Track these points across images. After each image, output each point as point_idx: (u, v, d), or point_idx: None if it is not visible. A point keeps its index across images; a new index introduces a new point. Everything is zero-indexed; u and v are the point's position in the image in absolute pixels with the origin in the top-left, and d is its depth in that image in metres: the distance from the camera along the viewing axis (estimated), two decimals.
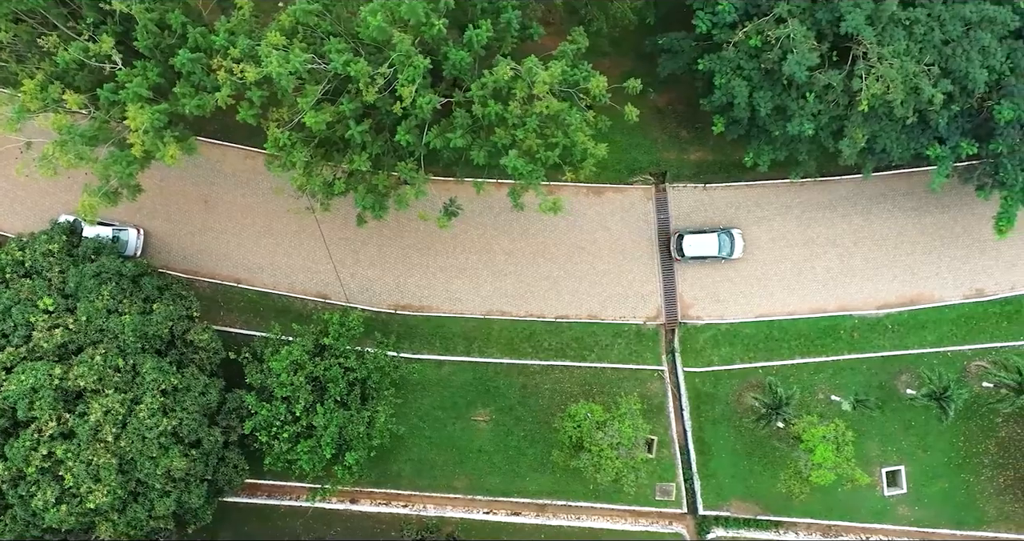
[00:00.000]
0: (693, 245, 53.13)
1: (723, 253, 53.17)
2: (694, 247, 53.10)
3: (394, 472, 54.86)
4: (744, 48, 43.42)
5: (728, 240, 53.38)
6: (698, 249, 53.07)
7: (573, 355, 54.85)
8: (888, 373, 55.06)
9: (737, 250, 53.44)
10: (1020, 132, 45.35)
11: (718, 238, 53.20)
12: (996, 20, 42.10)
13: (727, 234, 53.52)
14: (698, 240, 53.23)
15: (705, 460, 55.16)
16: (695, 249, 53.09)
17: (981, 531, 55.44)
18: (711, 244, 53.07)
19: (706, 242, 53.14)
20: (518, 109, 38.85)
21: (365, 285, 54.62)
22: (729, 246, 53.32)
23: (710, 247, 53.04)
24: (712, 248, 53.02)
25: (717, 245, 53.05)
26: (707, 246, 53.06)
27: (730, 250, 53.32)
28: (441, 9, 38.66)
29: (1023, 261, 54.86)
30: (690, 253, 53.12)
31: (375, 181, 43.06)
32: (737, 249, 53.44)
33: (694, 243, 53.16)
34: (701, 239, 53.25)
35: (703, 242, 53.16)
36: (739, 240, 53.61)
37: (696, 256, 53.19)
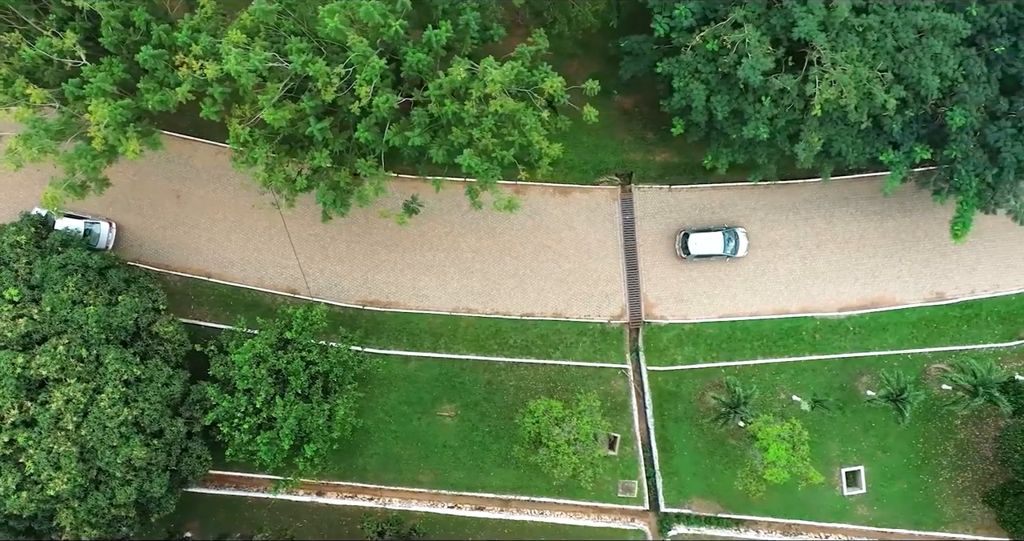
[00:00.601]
0: (698, 243, 53.73)
1: (727, 251, 53.80)
2: (699, 245, 53.70)
3: (360, 466, 55.63)
4: (702, 52, 44.14)
5: (733, 238, 53.97)
6: (703, 247, 53.68)
7: (538, 352, 55.61)
8: (849, 374, 55.75)
9: (741, 248, 54.01)
10: (974, 138, 46.10)
11: (723, 236, 53.76)
12: (948, 28, 42.77)
13: (732, 232, 54.11)
14: (703, 238, 53.81)
15: (667, 458, 55.87)
16: (700, 247, 53.70)
17: (939, 532, 56.08)
18: (716, 242, 53.65)
19: (711, 240, 53.73)
20: (474, 109, 39.57)
21: (334, 281, 55.40)
22: (734, 244, 53.93)
23: (715, 245, 53.64)
24: (717, 246, 53.63)
25: (722, 243, 53.64)
26: (712, 244, 53.66)
27: (735, 248, 53.94)
28: (399, 11, 39.43)
29: (983, 265, 55.54)
30: (695, 251, 53.74)
31: (337, 178, 43.83)
32: (741, 247, 54.01)
33: (699, 241, 53.75)
34: (706, 237, 53.83)
35: (708, 240, 53.75)
36: (743, 239, 54.17)
37: (701, 254, 53.77)
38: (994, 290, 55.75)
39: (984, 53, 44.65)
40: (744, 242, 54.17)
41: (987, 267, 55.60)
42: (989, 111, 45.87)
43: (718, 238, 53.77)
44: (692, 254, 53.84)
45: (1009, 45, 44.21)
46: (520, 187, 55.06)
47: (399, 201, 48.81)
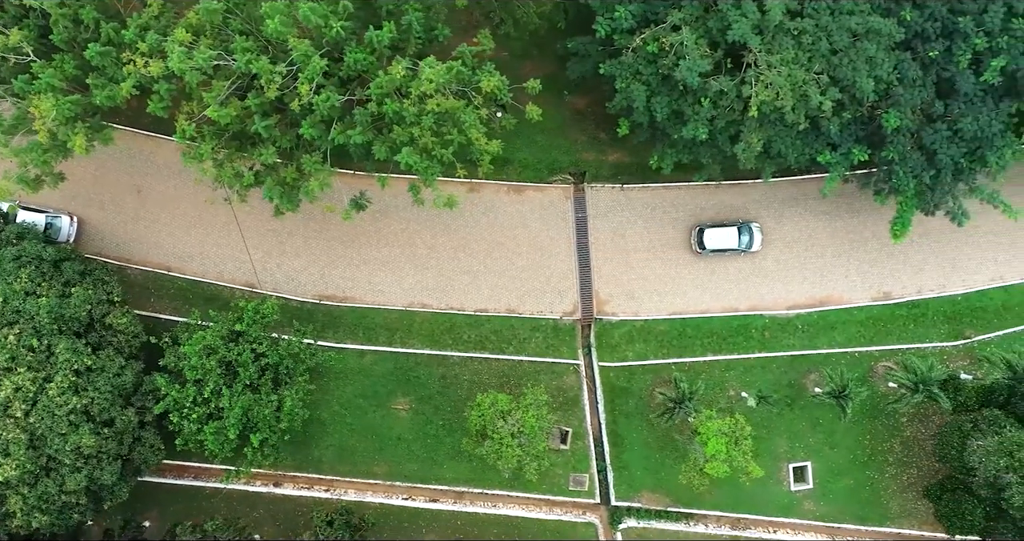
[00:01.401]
0: (713, 239, 54.55)
1: (742, 246, 54.63)
2: (714, 240, 54.52)
3: (316, 457, 56.68)
4: (642, 54, 45.10)
5: (747, 233, 54.80)
6: (718, 242, 54.52)
7: (492, 347, 56.59)
8: (797, 372, 56.70)
9: (756, 243, 54.77)
10: (911, 140, 47.05)
11: (738, 231, 54.59)
12: (881, 32, 43.68)
13: (746, 228, 54.92)
14: (718, 234, 54.65)
15: (618, 452, 56.85)
16: (715, 242, 54.52)
17: (885, 527, 57.02)
18: (731, 237, 54.48)
19: (726, 235, 54.55)
20: (413, 107, 40.57)
21: (291, 275, 56.45)
22: (748, 239, 54.73)
23: (730, 240, 54.45)
24: (732, 241, 54.45)
25: (737, 238, 54.47)
26: (727, 239, 54.47)
27: (749, 242, 54.75)
28: (340, 12, 40.46)
29: (929, 265, 56.49)
30: (711, 246, 54.56)
31: (284, 174, 44.85)
32: (756, 242, 54.76)
33: (714, 237, 54.58)
34: (721, 233, 54.65)
35: (723, 236, 54.58)
36: (757, 234, 54.93)
37: (716, 249, 54.61)
38: (940, 290, 56.69)
39: (919, 57, 45.55)
40: (758, 237, 54.94)
41: (933, 267, 56.55)
42: (925, 114, 46.76)
43: (732, 233, 54.62)
44: (708, 249, 54.68)
45: (943, 49, 45.06)
46: (475, 185, 56.13)
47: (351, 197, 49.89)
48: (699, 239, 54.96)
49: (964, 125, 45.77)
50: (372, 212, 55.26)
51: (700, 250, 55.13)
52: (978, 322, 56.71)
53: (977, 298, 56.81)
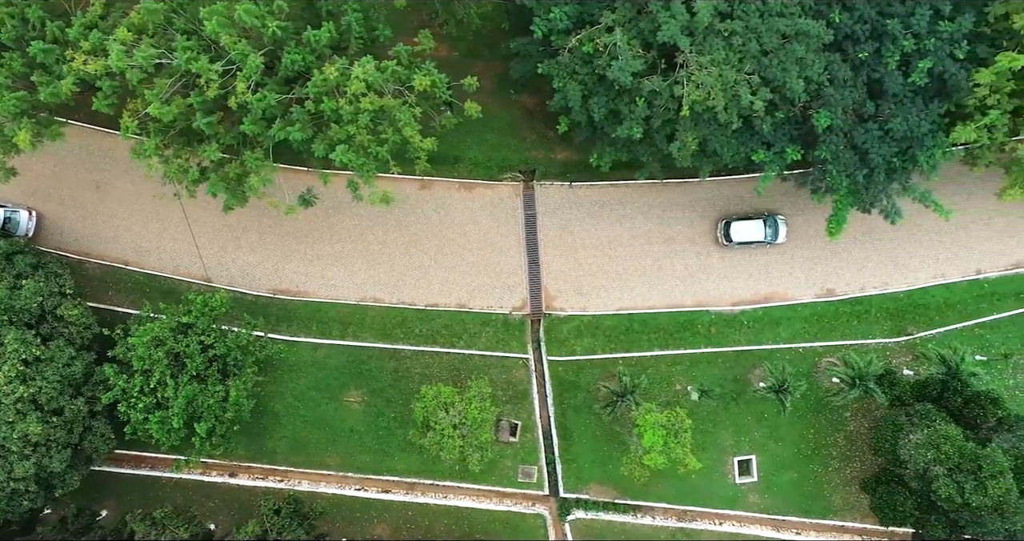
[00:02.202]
0: (740, 231, 55.44)
1: (768, 238, 55.50)
2: (741, 233, 55.42)
3: (270, 448, 57.83)
4: (578, 54, 46.18)
5: (773, 225, 55.70)
6: (745, 235, 55.42)
7: (443, 341, 57.70)
8: (743, 367, 57.73)
9: (781, 235, 55.64)
10: (844, 140, 48.07)
11: (764, 224, 55.49)
12: (810, 34, 44.73)
13: (772, 220, 55.77)
14: (744, 226, 55.54)
15: (567, 445, 57.94)
16: (742, 235, 55.41)
17: (828, 520, 58.05)
18: (757, 230, 55.40)
19: (752, 228, 55.46)
20: (349, 105, 41.68)
21: (246, 270, 57.59)
22: (773, 231, 55.65)
23: (756, 233, 55.37)
24: (758, 233, 55.37)
25: (763, 230, 55.39)
26: (753, 232, 55.39)
27: (774, 234, 55.64)
28: (276, 12, 41.59)
29: (872, 263, 57.50)
30: (737, 239, 55.42)
31: (228, 170, 45.99)
32: (781, 234, 55.63)
33: (741, 229, 55.46)
34: (747, 225, 55.54)
35: (749, 228, 55.49)
36: (783, 226, 55.80)
37: (743, 241, 55.46)
38: (883, 287, 57.70)
39: (850, 58, 46.60)
40: (783, 229, 55.81)
41: (876, 265, 57.56)
42: (857, 114, 47.79)
43: (759, 226, 55.54)
44: (734, 241, 55.54)
45: (872, 51, 46.10)
46: (426, 183, 57.27)
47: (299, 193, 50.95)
48: (726, 232, 55.79)
49: (894, 125, 46.82)
50: (325, 208, 56.55)
51: (727, 242, 55.96)
52: (920, 319, 57.71)
53: (919, 295, 57.81)
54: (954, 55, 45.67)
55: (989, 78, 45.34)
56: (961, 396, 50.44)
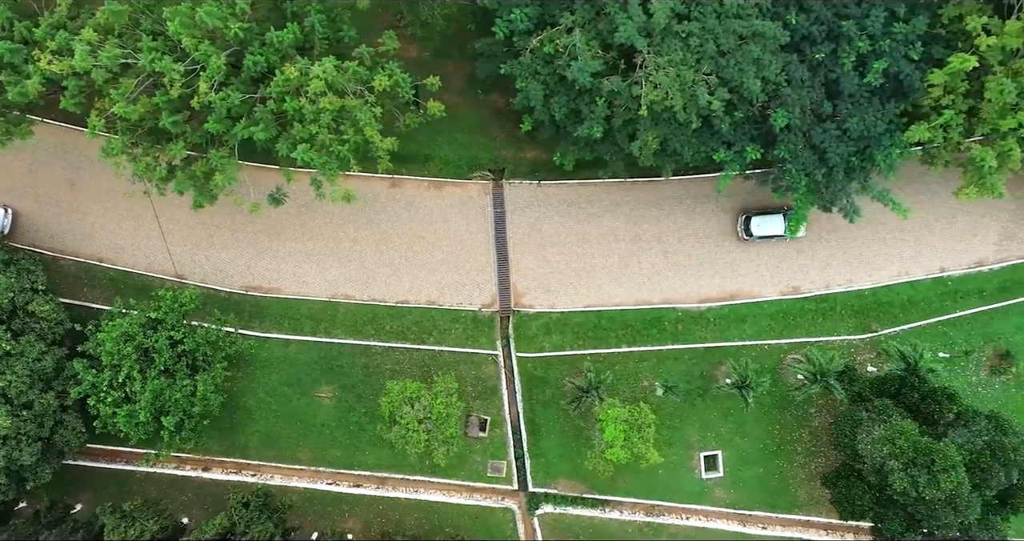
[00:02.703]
0: (760, 225, 56.12)
1: (787, 232, 56.12)
2: (761, 227, 56.08)
3: (242, 443, 58.68)
4: (540, 55, 46.90)
5: None
6: (765, 229, 56.10)
7: (413, 338, 58.48)
8: (709, 363, 58.50)
9: (801, 229, 56.20)
10: (802, 139, 48.79)
11: (784, 218, 56.11)
12: (767, 35, 45.41)
13: (791, 214, 55.98)
14: (765, 221, 56.23)
15: (535, 440, 58.74)
16: (762, 229, 56.10)
17: (793, 514, 58.85)
18: (777, 224, 56.08)
19: (772, 222, 56.15)
20: (309, 105, 42.47)
21: (219, 267, 58.38)
22: None
23: (776, 227, 56.07)
24: (778, 228, 56.04)
25: (783, 224, 56.02)
26: (773, 226, 56.08)
27: None
28: (238, 14, 42.38)
29: (837, 261, 58.24)
30: (758, 233, 56.12)
31: (194, 168, 46.79)
32: (800, 228, 56.18)
33: (761, 223, 56.14)
34: (767, 220, 56.22)
35: (769, 222, 56.17)
36: None
37: (763, 235, 56.16)
38: (847, 285, 58.43)
39: (807, 59, 47.33)
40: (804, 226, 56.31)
41: (841, 263, 58.30)
42: (815, 113, 48.48)
43: (779, 220, 56.19)
44: (755, 236, 56.22)
45: (829, 52, 46.80)
46: (396, 181, 58.07)
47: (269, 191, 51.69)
48: (746, 226, 56.45)
49: (851, 125, 47.52)
50: (297, 206, 57.34)
51: (747, 237, 56.62)
52: (885, 316, 58.46)
53: (884, 293, 58.55)
54: (908, 56, 46.37)
55: (942, 79, 46.07)
56: (918, 392, 51.23)
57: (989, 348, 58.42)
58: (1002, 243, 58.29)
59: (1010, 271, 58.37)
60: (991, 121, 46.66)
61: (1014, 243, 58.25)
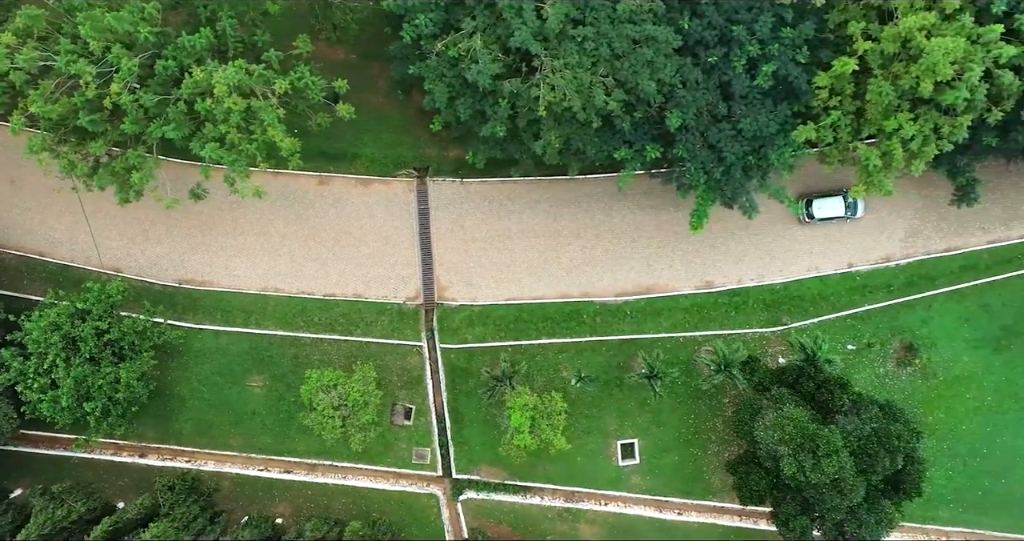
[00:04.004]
0: (822, 208, 58.11)
1: (848, 213, 58.25)
2: (823, 209, 58.09)
3: (176, 430, 60.97)
4: (445, 58, 49.14)
5: (853, 201, 58.30)
6: (826, 211, 58.13)
7: (340, 330, 60.74)
8: (626, 355, 60.67)
9: (860, 210, 58.35)
10: (700, 138, 50.92)
11: (844, 200, 58.10)
12: (659, 39, 47.57)
13: None
14: (826, 203, 58.18)
15: (458, 428, 60.98)
16: (824, 211, 58.10)
17: (707, 500, 61.03)
18: (838, 206, 58.08)
19: (833, 204, 58.11)
20: (215, 106, 44.72)
21: (154, 260, 60.66)
22: (853, 206, 58.37)
23: (837, 209, 58.08)
24: (839, 209, 58.08)
25: (843, 206, 58.08)
26: (834, 208, 58.08)
27: (854, 210, 58.40)
28: (148, 18, 44.65)
29: (749, 256, 60.37)
30: (819, 215, 58.06)
31: (114, 165, 49.08)
32: (860, 209, 58.35)
33: (823, 206, 58.12)
34: (828, 202, 58.17)
35: (830, 205, 58.14)
36: (860, 201, 58.25)
37: (825, 217, 58.13)
38: (759, 279, 60.58)
39: (701, 62, 49.48)
40: (861, 204, 58.33)
41: (753, 258, 60.43)
42: (712, 114, 50.64)
43: (839, 202, 58.09)
44: (816, 218, 58.13)
45: (722, 56, 48.97)
46: (324, 178, 60.32)
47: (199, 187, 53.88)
48: (807, 209, 58.29)
49: (745, 125, 49.64)
50: (229, 203, 59.55)
51: (808, 220, 58.57)
52: (795, 310, 60.60)
53: (795, 287, 60.68)
54: (796, 59, 48.49)
55: (828, 81, 48.15)
56: (814, 381, 53.39)
57: (896, 341, 60.58)
58: (908, 240, 60.40)
59: (916, 266, 60.49)
60: (876, 122, 48.71)
61: (920, 240, 60.36)
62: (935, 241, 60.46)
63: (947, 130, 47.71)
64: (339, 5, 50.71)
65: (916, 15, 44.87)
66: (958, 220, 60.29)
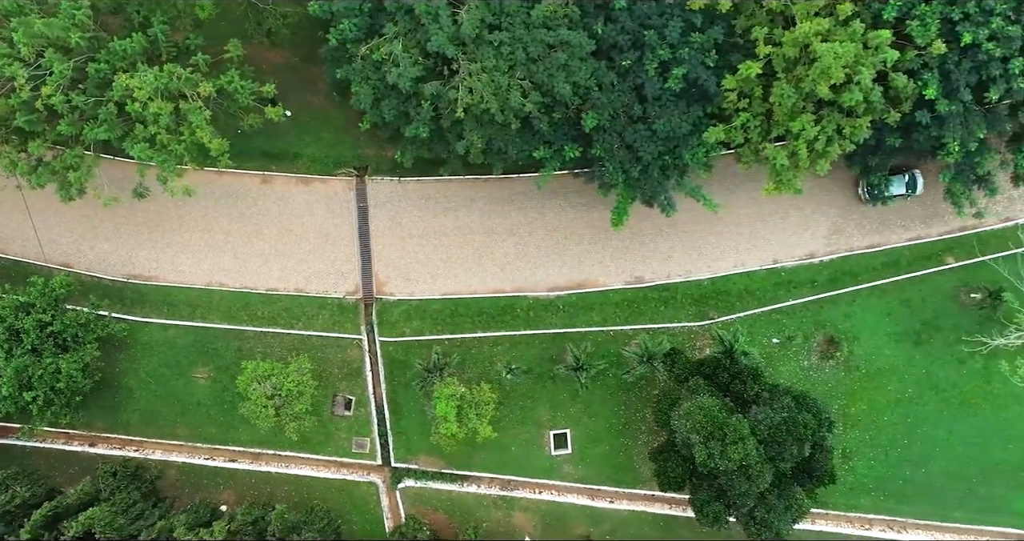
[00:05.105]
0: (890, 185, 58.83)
1: (909, 191, 59.62)
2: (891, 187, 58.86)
3: (124, 420, 63.14)
4: (370, 61, 51.30)
5: (913, 179, 59.78)
6: (890, 189, 59.08)
7: (283, 323, 62.85)
8: (559, 348, 62.71)
9: (919, 187, 59.63)
10: (618, 139, 53.02)
11: (905, 178, 59.50)
12: (572, 43, 49.70)
13: (911, 175, 59.65)
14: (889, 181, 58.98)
15: (397, 419, 63.12)
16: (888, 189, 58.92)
17: (638, 489, 63.10)
18: (899, 184, 59.33)
19: (895, 183, 59.26)
20: (141, 108, 46.93)
21: (103, 256, 62.86)
22: (913, 185, 59.81)
23: (899, 187, 59.35)
24: (900, 188, 59.32)
25: (904, 185, 59.48)
26: (896, 186, 59.32)
27: (915, 188, 59.83)
28: (79, 25, 46.87)
29: (677, 253, 62.44)
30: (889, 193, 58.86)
31: (54, 164, 51.32)
32: (919, 186, 59.63)
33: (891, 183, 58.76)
34: (891, 181, 59.05)
35: (893, 183, 59.20)
36: (919, 179, 59.72)
37: (888, 196, 59.11)
38: (687, 275, 62.61)
39: (615, 66, 51.57)
40: (920, 181, 59.58)
41: (681, 255, 62.49)
42: (628, 115, 52.75)
43: (901, 180, 59.44)
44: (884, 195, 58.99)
45: (635, 59, 51.05)
46: (267, 177, 62.50)
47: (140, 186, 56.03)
48: (873, 187, 59.20)
49: (659, 126, 51.72)
50: (174, 200, 61.26)
51: (868, 198, 59.85)
52: (722, 305, 62.66)
53: (722, 283, 62.72)
54: (705, 63, 50.53)
55: (735, 84, 50.23)
56: (729, 372, 55.42)
57: (819, 335, 62.62)
58: (831, 237, 62.46)
59: (839, 263, 62.55)
60: (783, 123, 50.80)
61: (842, 237, 62.42)
62: (857, 238, 62.50)
63: (848, 131, 49.82)
64: (271, 11, 52.82)
65: (812, 21, 46.96)
66: (880, 218, 62.37)
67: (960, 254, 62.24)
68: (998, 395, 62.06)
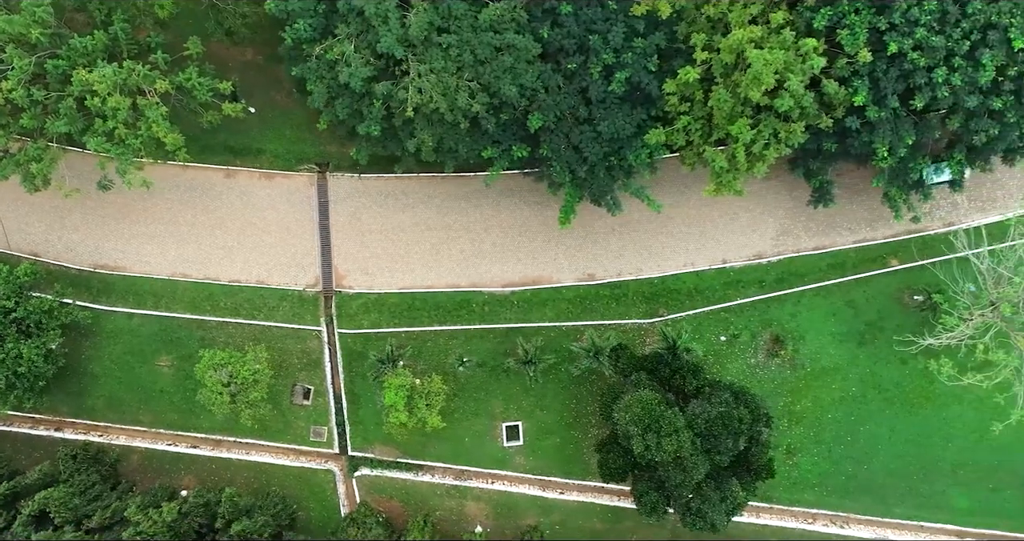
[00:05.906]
0: (930, 173, 58.40)
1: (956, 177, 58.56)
2: (931, 175, 58.61)
3: (89, 406, 65.04)
4: (324, 60, 53.04)
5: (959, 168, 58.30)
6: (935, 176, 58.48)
7: (245, 314, 64.67)
8: (512, 342, 64.26)
9: (966, 175, 58.57)
10: (565, 139, 54.72)
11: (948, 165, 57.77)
12: (518, 46, 51.40)
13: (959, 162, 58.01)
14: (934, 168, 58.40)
15: (354, 409, 64.91)
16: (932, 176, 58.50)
17: (588, 481, 64.82)
18: (944, 171, 57.92)
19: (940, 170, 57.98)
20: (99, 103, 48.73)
21: (70, 246, 64.72)
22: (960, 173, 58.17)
23: (944, 174, 58.41)
24: (946, 175, 58.42)
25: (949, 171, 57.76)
26: (941, 173, 58.27)
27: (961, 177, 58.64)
28: (40, 21, 48.68)
29: (628, 251, 64.11)
30: (930, 181, 58.59)
31: (18, 156, 53.15)
32: (966, 175, 58.48)
33: (930, 172, 58.31)
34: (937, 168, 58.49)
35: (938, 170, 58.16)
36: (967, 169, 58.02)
37: (935, 183, 58.68)
38: (638, 273, 64.26)
39: (561, 69, 53.27)
40: (968, 170, 58.38)
41: (632, 253, 64.16)
42: (575, 117, 54.45)
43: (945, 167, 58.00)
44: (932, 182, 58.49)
45: (580, 63, 52.74)
46: (231, 172, 64.32)
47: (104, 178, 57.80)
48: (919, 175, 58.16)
49: (603, 128, 53.43)
50: (140, 193, 63.09)
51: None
52: (672, 302, 64.31)
53: (672, 281, 64.33)
54: (647, 67, 52.23)
55: (675, 88, 51.88)
56: (670, 367, 57.13)
57: (766, 333, 64.27)
58: (779, 238, 64.11)
59: (786, 263, 64.15)
60: (723, 127, 52.47)
61: (790, 238, 64.06)
62: (804, 240, 64.15)
63: (784, 135, 51.46)
64: (230, 11, 54.58)
65: (746, 29, 48.64)
66: (826, 220, 64.00)
67: (904, 257, 63.80)
68: (939, 394, 63.61)
